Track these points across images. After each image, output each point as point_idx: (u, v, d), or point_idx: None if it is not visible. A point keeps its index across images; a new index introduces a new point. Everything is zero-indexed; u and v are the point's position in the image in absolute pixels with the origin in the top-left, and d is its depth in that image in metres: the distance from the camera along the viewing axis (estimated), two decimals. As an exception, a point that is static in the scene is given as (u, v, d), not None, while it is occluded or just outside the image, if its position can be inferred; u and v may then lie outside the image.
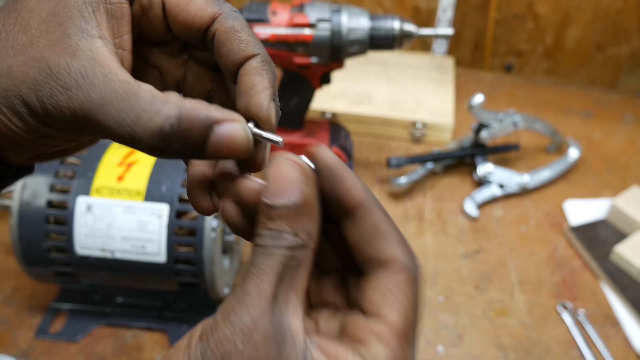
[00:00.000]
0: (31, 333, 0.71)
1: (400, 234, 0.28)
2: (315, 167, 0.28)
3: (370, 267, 0.28)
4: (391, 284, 0.27)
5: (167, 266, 0.65)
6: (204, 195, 0.31)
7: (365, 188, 0.28)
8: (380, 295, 0.27)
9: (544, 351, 0.72)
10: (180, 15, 0.30)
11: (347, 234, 0.28)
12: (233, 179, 0.30)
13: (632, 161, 1.00)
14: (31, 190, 0.66)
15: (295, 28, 0.75)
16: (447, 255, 0.83)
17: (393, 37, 0.75)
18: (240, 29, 0.30)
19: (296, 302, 0.26)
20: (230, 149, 0.27)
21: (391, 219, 0.28)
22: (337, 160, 0.28)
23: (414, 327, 0.27)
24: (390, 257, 0.27)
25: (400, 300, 0.26)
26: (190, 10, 0.30)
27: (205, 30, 0.30)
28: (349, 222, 0.28)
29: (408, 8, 1.22)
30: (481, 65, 1.26)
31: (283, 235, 0.25)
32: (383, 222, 0.28)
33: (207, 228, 0.64)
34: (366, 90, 1.06)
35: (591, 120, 1.08)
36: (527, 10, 1.17)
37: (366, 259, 0.28)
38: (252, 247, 0.26)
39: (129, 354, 0.69)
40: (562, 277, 0.81)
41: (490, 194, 0.90)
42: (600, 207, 0.90)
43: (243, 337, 0.24)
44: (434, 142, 1.01)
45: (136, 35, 0.31)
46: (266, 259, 0.25)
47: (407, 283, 0.27)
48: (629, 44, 1.18)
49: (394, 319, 0.26)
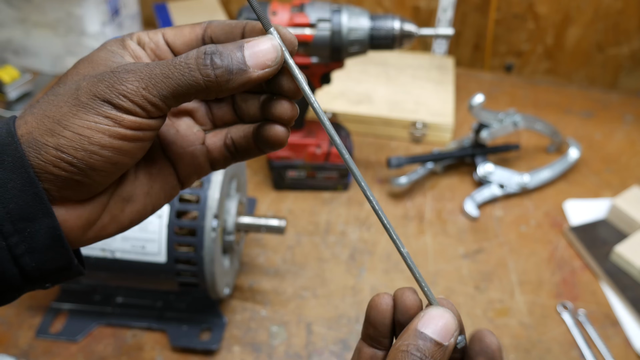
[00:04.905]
0: (31, 333, 0.71)
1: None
2: (481, 348, 0.35)
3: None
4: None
5: (167, 266, 0.65)
6: (275, 126, 0.37)
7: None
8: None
9: (544, 351, 0.72)
10: (179, 41, 0.37)
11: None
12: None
13: (632, 161, 1.00)
14: (31, 190, 0.65)
15: (296, 28, 0.75)
16: (447, 255, 0.83)
17: (393, 37, 0.75)
18: (227, 20, 0.37)
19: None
20: (263, 52, 0.33)
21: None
22: (501, 354, 0.35)
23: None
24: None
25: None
26: (185, 33, 0.37)
27: (202, 41, 0.37)
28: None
29: (408, 8, 1.22)
30: (481, 65, 1.26)
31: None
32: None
33: (207, 228, 0.64)
34: (366, 90, 1.06)
35: (591, 120, 1.08)
36: (527, 10, 1.17)
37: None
38: (395, 351, 0.33)
39: (129, 354, 0.70)
40: (562, 277, 0.81)
41: (490, 194, 0.90)
42: (600, 207, 0.90)
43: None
44: (434, 142, 1.01)
45: None
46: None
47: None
48: (629, 44, 1.18)
49: None
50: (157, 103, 0.32)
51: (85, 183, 0.32)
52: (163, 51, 0.37)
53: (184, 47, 0.37)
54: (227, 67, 0.32)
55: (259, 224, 0.72)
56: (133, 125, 0.32)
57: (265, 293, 0.77)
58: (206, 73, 0.32)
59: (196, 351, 0.70)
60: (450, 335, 0.33)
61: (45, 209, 0.31)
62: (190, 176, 0.40)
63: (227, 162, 0.40)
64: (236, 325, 0.73)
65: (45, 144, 0.31)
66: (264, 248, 0.83)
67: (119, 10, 1.13)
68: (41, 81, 1.12)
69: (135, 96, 0.31)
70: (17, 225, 0.31)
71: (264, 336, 0.72)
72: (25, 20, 1.08)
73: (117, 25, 1.13)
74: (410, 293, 0.36)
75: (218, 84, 0.32)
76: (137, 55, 0.36)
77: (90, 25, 1.07)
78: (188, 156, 0.39)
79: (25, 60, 1.13)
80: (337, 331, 0.73)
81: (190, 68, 0.32)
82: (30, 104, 0.34)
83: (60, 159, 0.31)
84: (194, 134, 0.39)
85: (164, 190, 0.39)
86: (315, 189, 0.92)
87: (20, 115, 0.33)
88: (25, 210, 0.31)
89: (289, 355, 0.70)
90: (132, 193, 0.36)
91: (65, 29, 1.08)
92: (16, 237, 0.31)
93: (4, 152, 0.31)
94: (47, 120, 0.32)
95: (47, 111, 0.32)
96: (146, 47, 0.37)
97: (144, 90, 0.32)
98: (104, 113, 0.31)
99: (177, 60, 0.32)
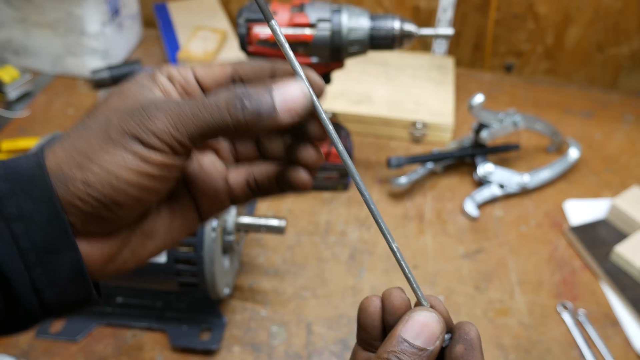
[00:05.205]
0: (31, 333, 0.71)
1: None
2: (459, 335, 0.34)
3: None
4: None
5: (167, 266, 0.65)
6: (299, 170, 0.37)
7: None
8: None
9: (544, 351, 0.72)
10: (209, 78, 0.37)
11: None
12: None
13: (632, 161, 1.00)
14: (31, 190, 0.66)
15: (296, 28, 0.75)
16: (447, 255, 0.83)
17: (393, 37, 0.75)
18: (257, 61, 0.37)
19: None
20: (292, 97, 0.33)
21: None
22: (479, 341, 0.34)
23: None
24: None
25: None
26: (215, 71, 0.37)
27: (231, 80, 0.37)
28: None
29: (408, 8, 1.22)
30: (481, 65, 1.26)
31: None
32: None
33: (207, 228, 0.64)
34: (366, 90, 1.06)
35: (591, 120, 1.08)
36: (527, 10, 1.17)
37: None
38: (377, 358, 0.33)
39: (129, 354, 0.70)
40: (562, 277, 0.81)
41: (490, 194, 0.90)
42: (600, 207, 0.90)
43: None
44: (434, 142, 1.01)
45: None
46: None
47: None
48: (629, 44, 1.18)
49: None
50: (184, 142, 0.32)
51: (110, 218, 0.33)
52: (192, 87, 0.37)
53: (213, 85, 0.37)
54: (256, 111, 0.32)
55: (259, 224, 0.72)
56: (160, 163, 0.32)
57: (265, 293, 0.77)
58: (235, 116, 0.32)
59: (196, 351, 0.70)
60: (435, 339, 0.33)
61: (70, 243, 0.32)
62: (211, 212, 0.40)
63: (248, 199, 0.40)
64: (236, 325, 0.73)
65: (73, 178, 0.31)
66: (264, 248, 0.83)
67: (119, 10, 1.13)
68: (41, 81, 1.12)
69: (164, 134, 0.32)
70: (41, 257, 0.31)
71: (264, 336, 0.72)
72: (25, 20, 1.08)
73: (117, 25, 1.13)
74: (398, 293, 0.36)
75: (247, 127, 0.32)
76: (167, 90, 0.36)
77: (90, 25, 1.07)
78: (210, 192, 0.39)
79: (25, 60, 1.13)
80: (337, 331, 0.73)
81: (220, 109, 0.32)
82: (61, 135, 0.34)
83: (87, 194, 0.31)
84: (217, 170, 0.39)
85: (185, 226, 0.39)
86: (315, 189, 0.92)
87: (50, 146, 0.33)
88: (50, 242, 0.31)
89: (289, 355, 0.70)
90: (154, 229, 0.37)
91: (65, 29, 1.08)
92: (39, 269, 0.31)
93: (32, 183, 0.31)
94: (76, 154, 0.32)
95: (76, 144, 0.32)
96: (175, 82, 0.37)
97: (172, 128, 0.32)
98: (132, 150, 0.32)
99: (207, 101, 0.32)
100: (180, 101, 0.33)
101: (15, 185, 0.31)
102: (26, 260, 0.31)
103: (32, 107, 1.06)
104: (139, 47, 1.22)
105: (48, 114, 1.05)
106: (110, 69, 1.09)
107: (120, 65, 1.11)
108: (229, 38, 1.20)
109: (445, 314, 0.35)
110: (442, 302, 0.36)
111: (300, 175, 0.37)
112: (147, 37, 1.25)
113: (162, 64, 1.17)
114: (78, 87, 1.11)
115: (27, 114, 1.04)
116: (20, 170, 0.31)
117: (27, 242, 0.31)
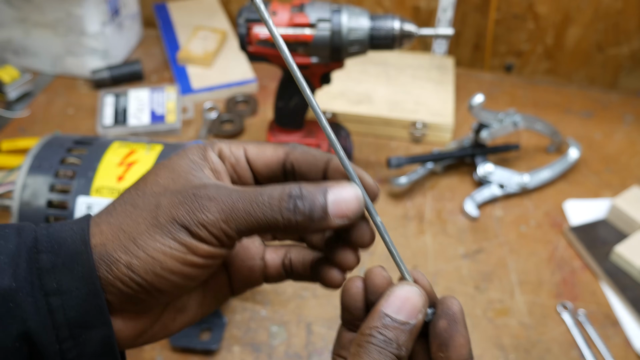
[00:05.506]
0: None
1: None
2: (442, 310, 0.34)
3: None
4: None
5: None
6: (334, 270, 0.37)
7: (470, 349, 0.33)
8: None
9: (544, 351, 0.72)
10: (261, 161, 0.37)
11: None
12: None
13: (632, 161, 1.00)
14: (31, 190, 0.66)
15: (296, 28, 0.75)
16: (447, 255, 0.83)
17: (393, 37, 0.75)
18: (309, 149, 0.37)
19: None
20: (346, 203, 0.33)
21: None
22: (462, 315, 0.33)
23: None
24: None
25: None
26: (267, 154, 0.37)
27: (282, 166, 0.37)
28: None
29: (408, 8, 1.22)
30: (481, 65, 1.26)
31: (393, 344, 0.31)
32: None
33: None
34: (366, 90, 1.06)
35: (591, 120, 1.08)
36: (527, 10, 1.17)
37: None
38: (360, 336, 0.32)
39: (129, 354, 0.69)
40: (562, 277, 0.81)
41: (490, 194, 0.90)
42: (600, 207, 0.90)
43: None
44: (434, 142, 1.01)
45: None
46: (382, 357, 0.31)
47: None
48: (629, 44, 1.18)
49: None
50: (233, 235, 0.32)
51: (148, 301, 0.33)
52: (243, 168, 0.37)
53: (264, 169, 0.37)
54: (308, 215, 0.32)
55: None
56: (205, 254, 0.32)
57: (265, 293, 0.77)
58: (287, 218, 0.32)
59: (196, 351, 0.70)
60: (417, 312, 0.33)
61: (104, 320, 0.32)
62: (244, 288, 0.40)
63: (281, 279, 0.40)
64: (236, 325, 0.73)
65: (117, 260, 0.31)
66: (264, 248, 0.83)
67: (119, 10, 1.13)
68: (41, 81, 1.12)
69: (214, 227, 0.32)
70: (74, 331, 0.32)
71: (263, 336, 0.72)
72: (25, 20, 1.08)
73: (117, 25, 1.13)
74: (379, 271, 0.35)
75: (296, 227, 0.32)
76: (217, 170, 0.36)
77: (90, 25, 1.07)
78: (246, 270, 0.39)
79: (25, 60, 1.13)
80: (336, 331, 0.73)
81: (272, 209, 0.32)
82: (107, 207, 0.34)
83: (129, 278, 0.32)
84: (256, 247, 0.39)
85: (216, 300, 0.39)
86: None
87: (96, 219, 0.33)
88: (85, 318, 0.32)
89: (288, 355, 0.70)
90: (186, 304, 0.37)
91: (65, 29, 1.08)
92: (70, 342, 0.32)
93: (75, 260, 0.31)
94: (122, 235, 0.32)
95: (123, 224, 0.32)
96: (226, 161, 0.37)
97: (223, 223, 0.32)
98: (180, 239, 0.32)
99: (260, 198, 0.32)
100: (232, 191, 0.32)
101: (57, 260, 0.31)
102: (59, 334, 0.31)
103: (32, 107, 1.06)
104: (139, 47, 1.22)
105: (48, 114, 1.05)
106: (110, 69, 1.09)
107: (120, 65, 1.11)
108: (229, 38, 1.20)
109: (428, 288, 0.35)
110: (425, 276, 0.35)
111: (333, 275, 0.37)
112: (147, 37, 1.25)
113: (163, 64, 1.17)
114: (78, 87, 1.11)
115: (27, 114, 1.04)
116: (64, 243, 0.32)
117: (62, 316, 0.31)
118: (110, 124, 1.00)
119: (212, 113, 1.04)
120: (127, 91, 1.05)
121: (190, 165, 0.35)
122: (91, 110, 1.05)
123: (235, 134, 1.01)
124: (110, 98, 1.04)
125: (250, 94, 1.09)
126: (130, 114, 1.01)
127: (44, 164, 0.67)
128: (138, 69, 1.11)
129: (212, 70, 1.12)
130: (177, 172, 0.34)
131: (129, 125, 1.00)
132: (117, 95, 1.04)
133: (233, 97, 1.08)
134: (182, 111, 1.05)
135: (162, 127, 1.00)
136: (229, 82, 1.09)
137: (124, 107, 1.02)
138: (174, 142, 0.74)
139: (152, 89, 1.06)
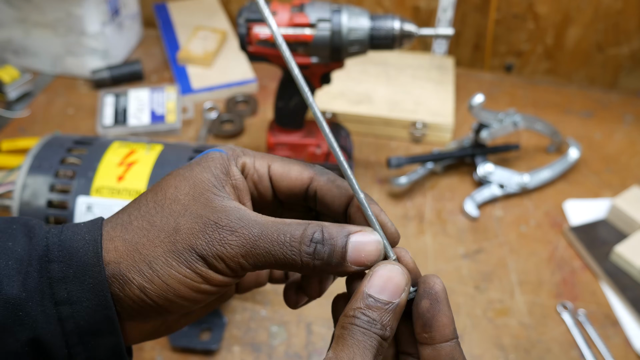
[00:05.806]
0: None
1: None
2: (424, 290, 0.33)
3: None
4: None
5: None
6: (295, 293, 0.38)
7: (454, 328, 0.33)
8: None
9: (544, 351, 0.72)
10: (284, 182, 0.37)
11: (421, 350, 0.33)
12: None
13: (632, 161, 1.00)
14: (31, 190, 0.66)
15: (296, 28, 0.75)
16: (447, 255, 0.83)
17: (393, 37, 0.75)
18: (335, 179, 0.36)
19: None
20: (366, 253, 0.33)
21: None
22: (445, 294, 0.33)
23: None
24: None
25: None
26: (292, 176, 0.36)
27: (305, 190, 0.37)
28: (429, 346, 0.33)
29: (408, 8, 1.22)
30: (481, 65, 1.26)
31: (377, 325, 0.31)
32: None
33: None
34: (366, 90, 1.06)
35: (591, 120, 1.08)
36: (527, 10, 1.17)
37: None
38: (343, 318, 0.32)
39: (129, 354, 0.69)
40: (562, 277, 0.81)
41: (490, 194, 0.90)
42: (600, 207, 0.90)
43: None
44: (434, 142, 1.01)
45: None
46: (366, 338, 0.31)
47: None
48: (629, 44, 1.18)
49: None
50: (248, 269, 0.33)
51: (157, 317, 0.34)
52: (265, 188, 0.37)
53: (287, 192, 0.37)
54: (327, 260, 0.32)
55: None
56: (219, 284, 0.33)
57: (265, 293, 0.77)
58: (307, 262, 0.32)
59: (196, 351, 0.70)
60: (400, 291, 0.32)
61: (113, 329, 0.32)
62: (250, 288, 0.41)
63: (284, 281, 0.41)
64: (236, 325, 0.73)
65: (130, 281, 0.32)
66: (264, 248, 0.83)
67: (119, 10, 1.13)
68: (41, 81, 1.12)
69: (231, 261, 0.32)
70: (83, 338, 0.32)
71: (264, 336, 0.72)
72: (25, 20, 1.08)
73: (117, 25, 1.13)
74: None
75: (313, 270, 0.33)
76: (238, 187, 0.35)
77: (90, 25, 1.07)
78: (254, 273, 0.40)
79: (25, 60, 1.13)
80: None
81: (292, 251, 0.32)
82: (123, 217, 0.34)
83: (140, 299, 0.32)
84: None
85: (220, 300, 0.40)
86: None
87: (111, 231, 0.33)
88: (94, 327, 0.32)
89: (288, 355, 0.70)
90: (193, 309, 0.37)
91: (65, 29, 1.08)
92: (79, 348, 0.32)
93: (86, 272, 0.31)
94: (137, 256, 0.32)
95: (139, 244, 0.32)
96: (249, 179, 0.36)
97: (242, 257, 0.32)
98: (196, 269, 0.32)
99: (281, 238, 0.32)
100: (254, 224, 0.32)
101: (68, 270, 0.31)
102: (69, 341, 0.31)
103: (32, 107, 1.06)
104: (139, 47, 1.22)
105: (48, 114, 1.05)
106: (110, 69, 1.09)
107: (120, 65, 1.11)
108: (229, 38, 1.20)
109: (411, 266, 0.35)
110: (409, 253, 0.35)
111: (290, 296, 0.39)
112: (147, 37, 1.25)
113: (163, 64, 1.17)
114: (78, 87, 1.11)
115: (27, 114, 1.04)
116: (75, 254, 0.32)
117: (72, 325, 0.31)
118: (110, 124, 1.00)
119: (212, 113, 1.04)
120: (127, 91, 1.05)
121: (212, 181, 0.34)
122: (91, 110, 1.05)
123: (235, 134, 1.01)
124: (110, 98, 1.04)
125: (250, 94, 1.09)
126: (130, 114, 1.01)
127: (44, 164, 0.67)
128: (138, 69, 1.11)
129: (212, 70, 1.12)
130: (199, 189, 0.34)
131: (129, 125, 1.00)
132: (117, 95, 1.04)
133: (233, 97, 1.08)
134: (182, 111, 1.05)
135: (162, 127, 1.00)
136: (229, 82, 1.09)
137: (124, 107, 1.02)
138: (174, 142, 0.74)
139: (152, 89, 1.06)
